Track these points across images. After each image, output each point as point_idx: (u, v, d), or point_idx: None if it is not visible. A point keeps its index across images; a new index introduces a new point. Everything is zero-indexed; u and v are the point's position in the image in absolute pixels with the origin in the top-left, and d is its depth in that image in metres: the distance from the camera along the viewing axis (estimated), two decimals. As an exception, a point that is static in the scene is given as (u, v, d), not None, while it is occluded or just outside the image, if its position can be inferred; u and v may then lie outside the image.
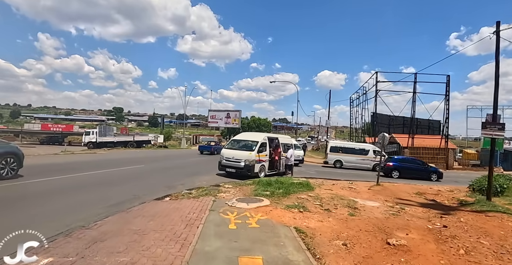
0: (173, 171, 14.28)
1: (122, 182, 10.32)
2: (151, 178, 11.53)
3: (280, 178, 11.64)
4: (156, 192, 8.65)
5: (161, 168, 15.15)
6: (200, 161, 20.88)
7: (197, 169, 15.90)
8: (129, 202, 7.19)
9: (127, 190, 8.89)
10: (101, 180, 10.53)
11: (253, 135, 15.59)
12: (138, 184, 9.92)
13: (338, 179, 15.10)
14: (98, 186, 9.40)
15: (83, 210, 6.25)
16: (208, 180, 11.99)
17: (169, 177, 12.15)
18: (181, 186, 10.12)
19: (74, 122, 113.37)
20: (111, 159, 18.59)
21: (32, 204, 6.50)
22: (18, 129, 58.90)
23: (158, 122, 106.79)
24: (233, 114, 52.41)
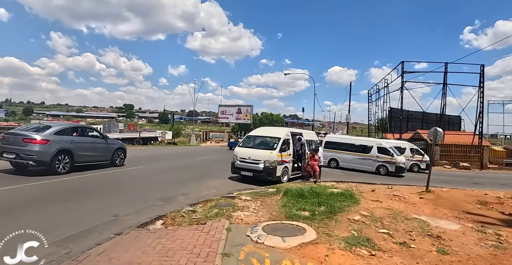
0: (176, 173, 11.78)
1: (107, 191, 7.81)
2: (147, 185, 8.98)
3: (312, 186, 9.00)
4: (146, 209, 6.14)
5: (163, 169, 12.68)
6: (210, 160, 18.37)
7: (206, 170, 13.39)
8: (99, 231, 4.65)
9: (108, 205, 6.38)
10: (78, 188, 7.83)
11: (273, 130, 12.97)
12: (125, 195, 7.37)
13: (368, 183, 12.60)
14: (70, 197, 6.78)
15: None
16: (218, 187, 9.45)
17: (170, 182, 9.64)
18: (182, 197, 7.60)
19: (85, 119, 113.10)
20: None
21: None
22: (25, 126, 57.80)
23: (168, 119, 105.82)
24: (244, 109, 49.61)
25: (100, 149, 11.18)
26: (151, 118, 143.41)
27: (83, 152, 10.29)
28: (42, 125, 10.42)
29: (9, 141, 9.24)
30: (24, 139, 9.06)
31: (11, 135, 9.55)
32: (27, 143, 8.98)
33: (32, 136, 9.14)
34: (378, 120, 44.95)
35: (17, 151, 8.92)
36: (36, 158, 8.93)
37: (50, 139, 9.29)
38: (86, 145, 10.59)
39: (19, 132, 9.63)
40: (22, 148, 8.93)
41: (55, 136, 9.51)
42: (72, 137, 10.17)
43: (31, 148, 8.94)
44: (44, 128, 9.71)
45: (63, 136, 9.80)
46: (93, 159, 10.94)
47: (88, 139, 11.03)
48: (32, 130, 9.63)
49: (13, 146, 9.04)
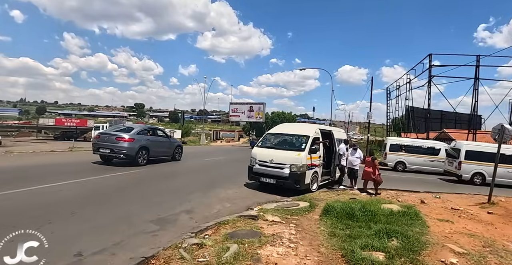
0: (181, 178, 9.75)
1: (89, 208, 5.76)
2: (140, 196, 6.90)
3: (362, 201, 6.78)
4: (132, 239, 4.09)
5: (165, 173, 10.67)
6: (221, 162, 16.31)
7: (217, 174, 11.34)
8: None
9: (78, 232, 4.33)
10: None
11: (299, 126, 10.80)
12: (106, 214, 5.31)
13: (406, 190, 10.51)
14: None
15: None
16: (233, 198, 7.36)
17: (171, 192, 7.59)
18: (185, 216, 5.50)
19: (97, 118, 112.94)
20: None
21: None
22: (34, 124, 56.95)
23: (178, 118, 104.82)
24: (256, 107, 47.42)
25: (166, 146, 13.44)
26: (162, 117, 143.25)
27: (155, 149, 12.40)
28: (126, 126, 13.14)
29: (105, 139, 11.39)
30: (117, 137, 11.23)
31: (106, 135, 11.66)
32: (119, 141, 11.18)
33: (122, 135, 11.31)
34: (392, 119, 42.53)
35: (112, 147, 11.14)
36: (126, 152, 11.11)
37: (135, 138, 11.47)
38: (157, 143, 12.77)
39: (112, 133, 11.66)
40: (115, 144, 11.12)
41: (137, 136, 11.68)
42: (148, 136, 12.38)
43: (122, 145, 11.12)
44: (129, 129, 11.96)
45: (142, 136, 12.00)
46: (162, 154, 13.10)
47: (158, 138, 13.27)
48: (120, 131, 11.80)
49: (108, 143, 11.23)
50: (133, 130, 11.85)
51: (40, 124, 54.83)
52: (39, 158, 14.46)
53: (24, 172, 9.26)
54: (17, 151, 19.46)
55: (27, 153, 18.18)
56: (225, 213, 5.92)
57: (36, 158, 14.40)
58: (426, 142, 19.74)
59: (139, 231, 4.52)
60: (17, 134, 51.91)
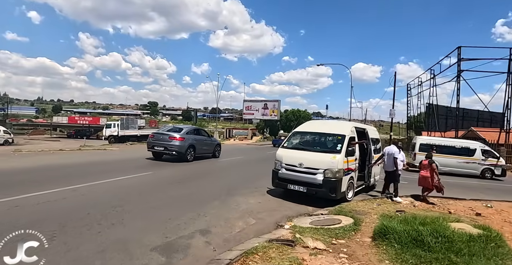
0: (194, 183, 8.50)
1: (73, 225, 4.60)
2: (146, 208, 5.67)
3: (419, 217, 5.36)
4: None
5: (176, 176, 9.48)
6: (238, 162, 15.05)
7: (234, 177, 10.06)
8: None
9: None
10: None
11: (332, 124, 9.37)
12: (98, 239, 4.11)
13: (450, 197, 8.93)
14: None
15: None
16: (256, 211, 6.06)
17: (183, 201, 6.37)
18: (200, 238, 4.21)
19: (111, 116, 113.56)
20: (113, 161, 13.29)
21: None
22: (48, 123, 57.17)
23: (191, 116, 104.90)
24: (271, 104, 46.14)
25: (208, 145, 14.90)
26: (175, 116, 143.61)
27: (200, 147, 13.82)
28: (176, 127, 14.55)
29: (159, 138, 12.90)
30: (170, 137, 12.64)
31: (160, 134, 13.15)
32: (172, 139, 12.59)
33: (174, 135, 12.73)
34: (409, 117, 40.58)
35: (165, 145, 12.54)
36: (177, 150, 12.46)
37: (185, 137, 12.83)
38: (201, 141, 14.20)
39: (165, 132, 13.09)
40: (168, 143, 12.52)
41: (186, 135, 13.03)
42: (194, 135, 13.74)
43: (174, 143, 12.51)
44: (179, 130, 13.40)
45: (190, 135, 13.32)
46: (205, 152, 14.52)
47: (202, 137, 14.62)
48: (172, 131, 13.21)
49: (162, 142, 12.68)
50: (182, 130, 13.36)
51: (54, 122, 54.99)
52: (45, 158, 13.57)
53: (19, 176, 8.23)
54: (26, 150, 18.88)
55: (35, 152, 17.51)
56: (250, 234, 4.64)
57: (42, 158, 13.52)
58: (460, 142, 17.97)
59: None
60: (32, 132, 52.17)
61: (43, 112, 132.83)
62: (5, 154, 15.54)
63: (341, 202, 7.20)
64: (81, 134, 46.47)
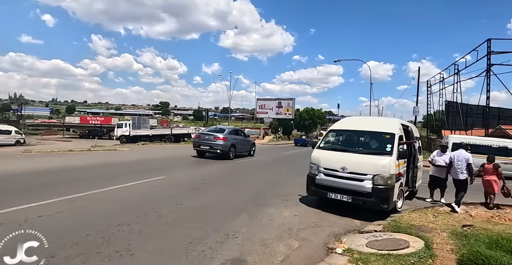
0: (214, 190, 7.36)
1: (64, 256, 3.56)
2: (157, 227, 4.49)
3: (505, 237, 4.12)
4: None
5: (192, 181, 8.38)
6: (258, 163, 13.87)
7: (259, 182, 8.87)
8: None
9: None
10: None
11: (375, 121, 8.08)
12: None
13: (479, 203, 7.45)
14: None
15: None
16: (296, 228, 4.88)
17: (202, 213, 5.26)
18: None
19: (123, 116, 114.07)
20: (122, 163, 12.32)
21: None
22: (61, 123, 57.16)
23: (202, 116, 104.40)
24: (285, 103, 44.73)
25: (245, 144, 16.08)
26: (186, 115, 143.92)
27: (239, 146, 14.91)
28: (219, 128, 15.69)
29: (204, 138, 13.95)
30: (215, 137, 13.64)
31: (205, 135, 14.21)
32: (217, 139, 13.57)
33: (218, 135, 13.72)
34: (429, 115, 38.72)
35: (211, 144, 13.54)
36: (221, 149, 13.42)
37: (227, 137, 13.85)
38: (240, 141, 15.30)
39: (210, 133, 14.13)
40: (213, 142, 13.53)
41: (228, 135, 14.04)
42: (234, 135, 14.81)
43: (219, 143, 13.48)
44: (222, 130, 14.46)
45: (231, 135, 14.34)
46: (243, 150, 15.64)
47: (241, 137, 15.74)
48: (215, 132, 14.23)
49: (208, 141, 13.67)
50: (225, 131, 14.43)
51: (66, 122, 54.91)
52: (51, 159, 12.71)
53: (14, 182, 7.26)
54: (35, 150, 18.31)
55: (43, 153, 16.86)
56: (298, 264, 3.48)
57: (48, 159, 12.68)
58: (497, 141, 16.39)
59: None
60: (44, 132, 52.14)
61: (57, 112, 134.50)
62: (13, 155, 14.81)
63: (391, 213, 5.99)
64: (93, 134, 46.10)
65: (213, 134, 13.92)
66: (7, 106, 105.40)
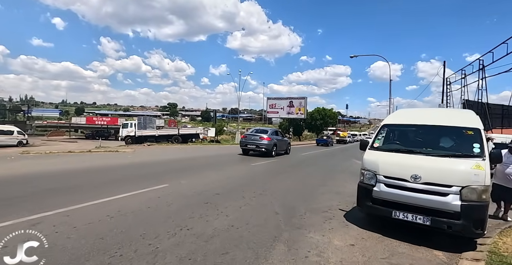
0: (230, 203, 5.71)
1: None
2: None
3: None
4: None
5: (200, 190, 6.73)
6: (277, 167, 12.21)
7: (284, 192, 7.19)
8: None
9: None
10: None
11: (444, 113, 6.27)
12: None
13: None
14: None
15: None
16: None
17: (220, 243, 3.61)
18: None
19: (132, 117, 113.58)
20: (121, 167, 10.80)
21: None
22: (67, 124, 56.27)
23: (210, 117, 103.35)
24: (297, 102, 42.83)
25: (283, 144, 17.59)
26: (194, 116, 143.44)
27: (279, 145, 16.62)
28: (261, 129, 17.61)
29: (251, 138, 15.97)
30: (260, 137, 15.69)
31: (251, 135, 16.22)
32: (262, 139, 15.59)
33: (263, 135, 15.78)
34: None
35: (257, 144, 15.54)
36: (266, 147, 15.40)
37: (271, 137, 15.85)
38: (280, 141, 16.89)
39: (256, 134, 16.11)
40: (259, 142, 15.55)
41: (271, 136, 16.05)
42: (275, 136, 16.58)
43: (264, 142, 15.49)
44: (265, 131, 16.49)
45: (273, 136, 16.27)
46: (281, 149, 17.11)
47: (279, 137, 17.28)
48: (260, 133, 16.23)
49: (254, 141, 15.69)
50: (268, 132, 16.34)
51: (73, 123, 53.96)
52: (44, 162, 11.29)
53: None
54: (34, 151, 17.10)
55: (41, 154, 15.61)
56: None
57: (40, 161, 11.26)
58: None
59: None
60: (50, 133, 51.28)
61: (66, 114, 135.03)
62: (3, 157, 13.40)
63: (475, 237, 4.26)
64: (100, 135, 44.98)
65: (258, 134, 15.98)
66: (17, 107, 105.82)
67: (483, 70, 29.34)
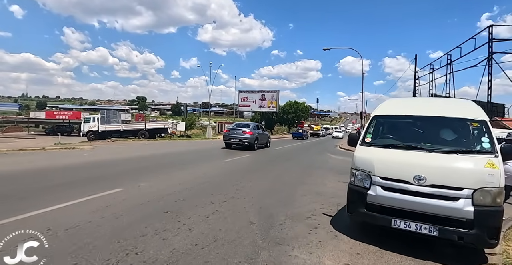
0: (195, 210, 4.81)
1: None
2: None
3: None
4: None
5: (160, 195, 5.74)
6: (250, 164, 11.34)
7: (261, 190, 6.38)
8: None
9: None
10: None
11: (441, 103, 5.50)
12: None
13: None
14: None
15: None
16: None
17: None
18: None
19: (98, 112, 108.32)
20: (70, 167, 9.51)
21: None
22: (26, 119, 51.97)
23: (181, 111, 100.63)
24: (269, 95, 42.03)
25: (264, 137, 18.65)
26: (164, 111, 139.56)
27: (260, 139, 17.66)
28: (244, 124, 18.69)
29: (234, 132, 16.68)
30: (243, 131, 16.43)
31: (234, 130, 16.95)
32: (245, 133, 16.31)
33: (246, 130, 16.58)
34: None
35: (240, 137, 16.23)
36: (248, 141, 16.09)
37: (253, 131, 16.65)
38: (261, 135, 17.98)
39: (238, 128, 16.90)
40: (242, 136, 16.25)
41: (253, 130, 16.88)
42: (256, 130, 17.52)
43: (246, 136, 16.20)
44: (247, 126, 17.43)
45: (255, 130, 17.14)
46: (262, 143, 18.11)
47: (260, 131, 18.37)
48: (243, 127, 17.09)
49: (237, 135, 16.42)
50: (250, 126, 17.07)
51: (31, 118, 49.87)
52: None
53: None
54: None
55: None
56: None
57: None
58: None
59: None
60: (6, 129, 47.21)
61: (26, 108, 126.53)
62: None
63: (483, 246, 3.65)
64: (61, 130, 41.83)
65: (241, 129, 16.70)
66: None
67: (451, 65, 30.04)
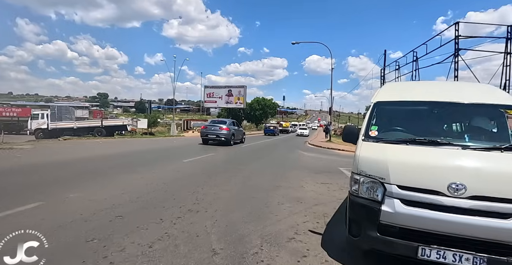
0: (135, 235, 3.53)
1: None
2: None
3: None
4: None
5: (97, 211, 4.34)
6: (216, 164, 10.01)
7: (227, 199, 5.13)
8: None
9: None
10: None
11: (456, 87, 4.49)
12: None
13: None
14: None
15: None
16: None
17: None
18: None
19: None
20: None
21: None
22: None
23: (145, 108, 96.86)
24: (236, 91, 40.65)
25: (239, 133, 19.83)
26: (127, 108, 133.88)
27: (236, 135, 18.64)
28: (220, 120, 20.03)
29: (211, 129, 17.39)
30: (220, 127, 17.24)
31: (211, 126, 17.77)
32: (221, 129, 17.07)
33: (222, 126, 17.42)
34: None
35: (216, 134, 16.93)
36: (225, 137, 16.88)
37: (229, 128, 17.54)
38: (236, 131, 18.92)
39: (215, 125, 17.76)
40: (219, 132, 16.98)
41: (230, 126, 17.78)
42: (232, 126, 18.28)
43: (223, 132, 16.96)
44: (224, 122, 18.35)
45: (231, 126, 18.01)
46: (237, 139, 19.06)
47: (236, 127, 19.26)
48: (220, 123, 18.03)
49: (214, 131, 17.12)
50: (227, 123, 18.14)
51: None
52: None
53: None
54: None
55: None
56: None
57: None
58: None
59: None
60: None
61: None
62: None
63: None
64: (9, 128, 37.72)
65: (218, 125, 17.62)
66: None
67: (416, 62, 30.39)
